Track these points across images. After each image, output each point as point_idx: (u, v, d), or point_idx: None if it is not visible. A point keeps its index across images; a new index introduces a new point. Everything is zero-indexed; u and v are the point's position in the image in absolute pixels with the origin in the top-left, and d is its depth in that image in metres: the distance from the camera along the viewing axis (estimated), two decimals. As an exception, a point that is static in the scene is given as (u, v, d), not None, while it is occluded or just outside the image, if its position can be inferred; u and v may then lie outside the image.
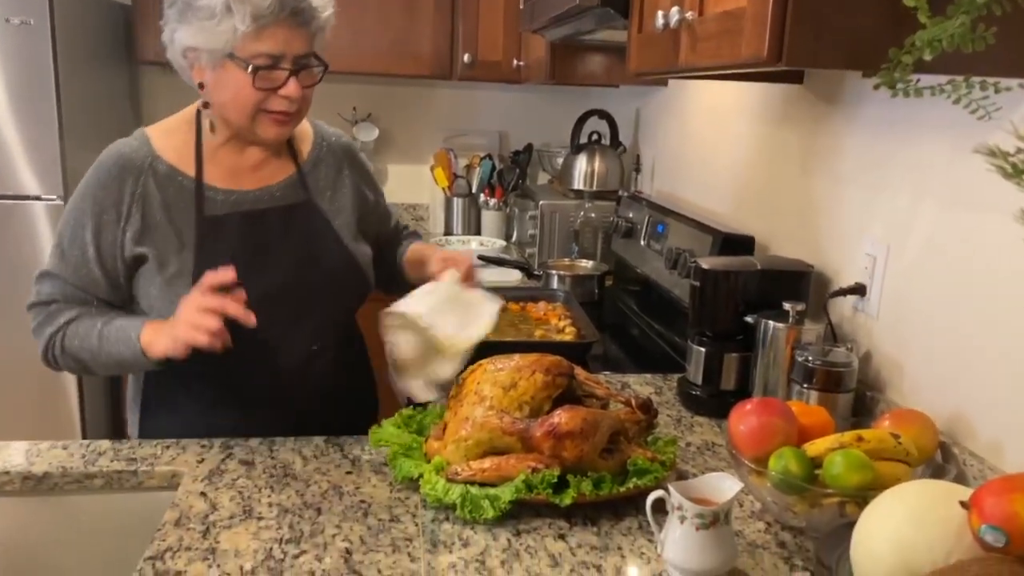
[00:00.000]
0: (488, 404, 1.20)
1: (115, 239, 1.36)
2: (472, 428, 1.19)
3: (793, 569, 1.08)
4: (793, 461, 1.11)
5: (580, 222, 2.68)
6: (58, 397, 2.62)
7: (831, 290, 1.55)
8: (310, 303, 1.45)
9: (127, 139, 1.41)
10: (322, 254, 1.46)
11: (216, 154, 1.42)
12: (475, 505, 1.13)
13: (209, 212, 1.39)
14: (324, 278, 1.46)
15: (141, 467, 1.29)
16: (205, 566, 1.04)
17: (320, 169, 1.52)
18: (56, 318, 1.37)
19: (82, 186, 1.38)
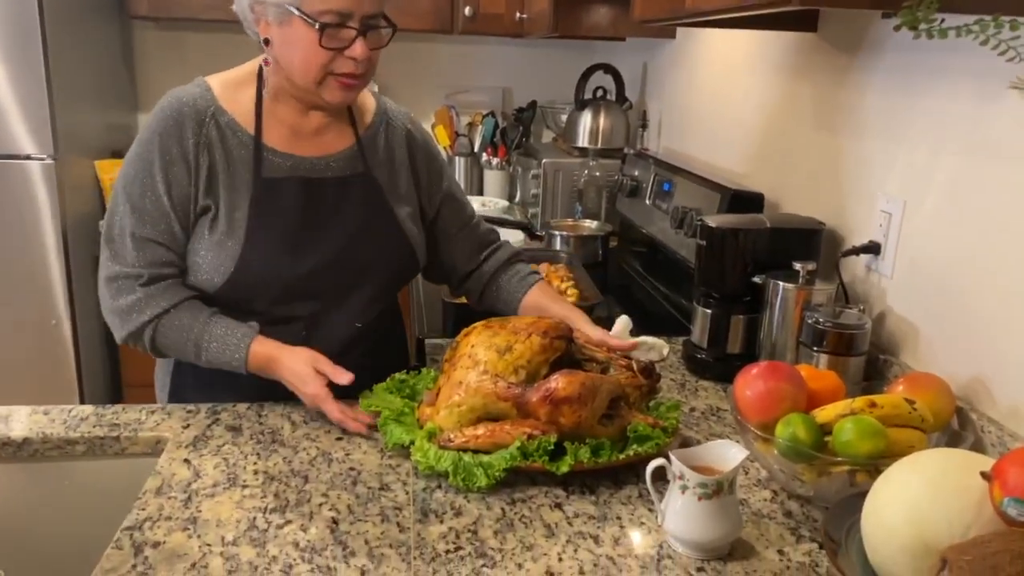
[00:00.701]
0: (483, 368, 1.15)
1: (188, 192, 1.29)
2: (466, 393, 1.14)
3: (800, 540, 1.03)
4: (801, 428, 1.06)
5: (584, 181, 2.60)
6: (56, 361, 2.58)
7: (843, 249, 1.48)
8: (358, 280, 1.39)
9: (187, 87, 1.33)
10: (374, 230, 1.39)
11: (276, 114, 1.34)
12: (468, 473, 1.09)
13: (267, 174, 1.31)
14: (374, 255, 1.39)
15: (124, 433, 1.25)
16: (185, 536, 1.00)
17: (379, 143, 1.43)
18: (145, 308, 1.28)
19: (144, 136, 1.30)
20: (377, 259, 1.40)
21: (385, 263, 1.41)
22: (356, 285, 1.39)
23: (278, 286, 1.32)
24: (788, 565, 0.98)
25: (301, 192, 1.33)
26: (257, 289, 1.32)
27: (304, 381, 1.26)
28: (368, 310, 1.42)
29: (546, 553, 0.99)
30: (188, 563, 0.95)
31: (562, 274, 2.13)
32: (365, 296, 1.41)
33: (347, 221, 1.36)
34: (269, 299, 1.34)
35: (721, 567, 0.97)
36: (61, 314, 2.54)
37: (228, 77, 1.36)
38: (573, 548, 1.00)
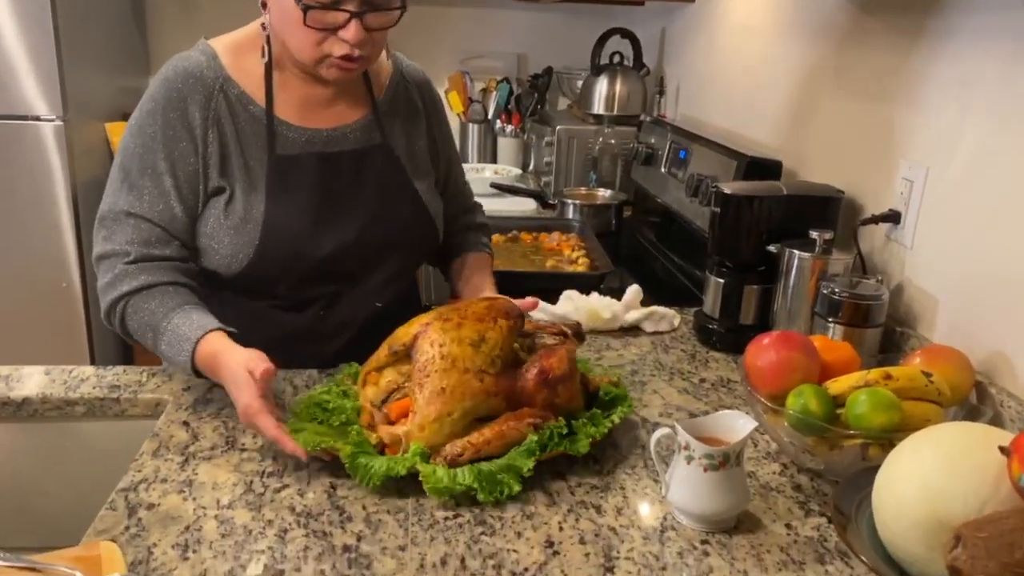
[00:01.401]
0: (462, 367, 1.02)
1: (195, 169, 1.21)
2: (453, 399, 1.01)
3: (809, 514, 1.00)
4: (813, 399, 1.03)
5: (599, 148, 2.56)
6: (67, 325, 2.58)
7: (862, 218, 1.43)
8: (379, 259, 1.34)
9: (190, 52, 1.24)
10: (395, 207, 1.33)
11: (287, 84, 1.26)
12: (495, 484, 0.98)
13: (281, 151, 1.25)
14: (395, 233, 1.34)
15: (124, 395, 1.23)
16: (180, 499, 0.98)
17: (397, 108, 1.37)
18: (121, 283, 1.19)
19: (145, 107, 1.22)
20: (398, 236, 1.34)
21: (406, 240, 1.36)
22: (377, 264, 1.34)
23: (297, 270, 1.28)
24: (796, 539, 0.95)
25: (317, 169, 1.27)
26: (276, 274, 1.27)
27: (238, 386, 1.06)
28: (388, 289, 1.37)
29: (546, 522, 0.97)
30: (182, 525, 0.93)
31: (574, 243, 2.10)
32: (386, 274, 1.36)
33: (366, 198, 1.31)
34: (288, 283, 1.29)
35: (726, 540, 0.95)
36: (72, 277, 2.54)
37: (234, 40, 1.28)
38: (575, 517, 0.98)
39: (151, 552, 0.89)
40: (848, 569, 0.90)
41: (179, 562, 0.87)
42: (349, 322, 1.34)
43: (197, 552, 0.89)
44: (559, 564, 0.89)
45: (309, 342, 1.34)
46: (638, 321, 1.56)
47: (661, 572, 0.89)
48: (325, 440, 0.99)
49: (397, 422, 1.04)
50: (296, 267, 1.27)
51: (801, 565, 0.91)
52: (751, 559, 0.92)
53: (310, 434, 1.00)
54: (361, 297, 1.34)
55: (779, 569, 0.90)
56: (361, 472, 0.97)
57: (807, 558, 0.92)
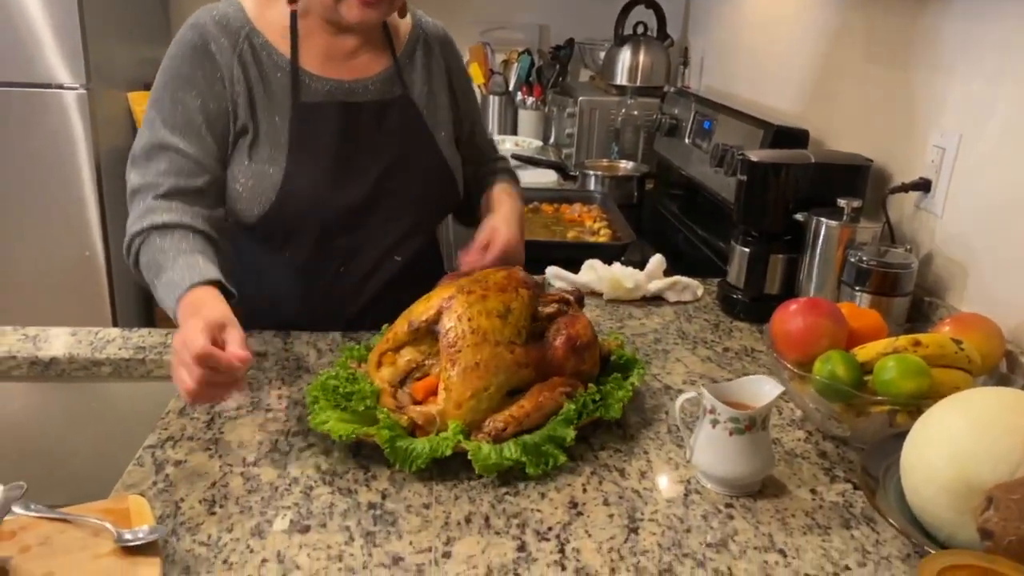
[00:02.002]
0: (493, 340, 1.00)
1: (224, 107, 1.22)
2: (488, 373, 0.99)
3: (834, 480, 1.00)
4: (841, 365, 1.02)
5: (621, 120, 2.53)
6: (90, 294, 2.61)
7: (891, 186, 1.41)
8: (398, 211, 1.34)
9: (217, 4, 1.26)
10: (415, 158, 1.34)
11: (311, 35, 1.27)
12: (542, 457, 0.97)
13: (305, 98, 1.26)
14: (415, 185, 1.34)
15: (149, 356, 1.24)
16: (206, 456, 0.99)
17: (417, 62, 1.36)
18: (145, 217, 1.17)
19: (174, 51, 1.23)
20: (418, 188, 1.35)
21: (426, 192, 1.36)
22: (396, 216, 1.34)
23: (318, 218, 1.28)
24: (820, 504, 0.95)
25: (340, 117, 1.28)
26: (296, 222, 1.28)
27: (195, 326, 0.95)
28: (408, 243, 1.37)
29: (570, 484, 0.97)
30: (208, 481, 0.94)
31: (595, 214, 2.08)
32: (405, 227, 1.36)
33: (386, 149, 1.31)
34: (308, 233, 1.30)
35: (751, 504, 0.94)
36: (95, 247, 2.56)
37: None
38: (598, 480, 0.98)
39: (179, 506, 0.89)
40: (874, 534, 0.90)
41: (206, 516, 0.88)
42: (370, 277, 1.34)
43: (224, 507, 0.90)
44: (583, 524, 0.89)
45: (330, 298, 1.35)
46: (661, 291, 1.55)
47: (685, 533, 0.89)
48: (356, 428, 0.97)
49: (424, 402, 1.02)
50: (316, 215, 1.27)
51: (827, 529, 0.90)
52: (776, 523, 0.91)
53: (337, 423, 0.97)
54: (381, 250, 1.35)
55: (804, 533, 0.90)
56: (402, 456, 0.94)
57: (832, 523, 0.92)
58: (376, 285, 1.35)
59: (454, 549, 0.85)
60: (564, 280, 1.58)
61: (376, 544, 0.85)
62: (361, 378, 1.07)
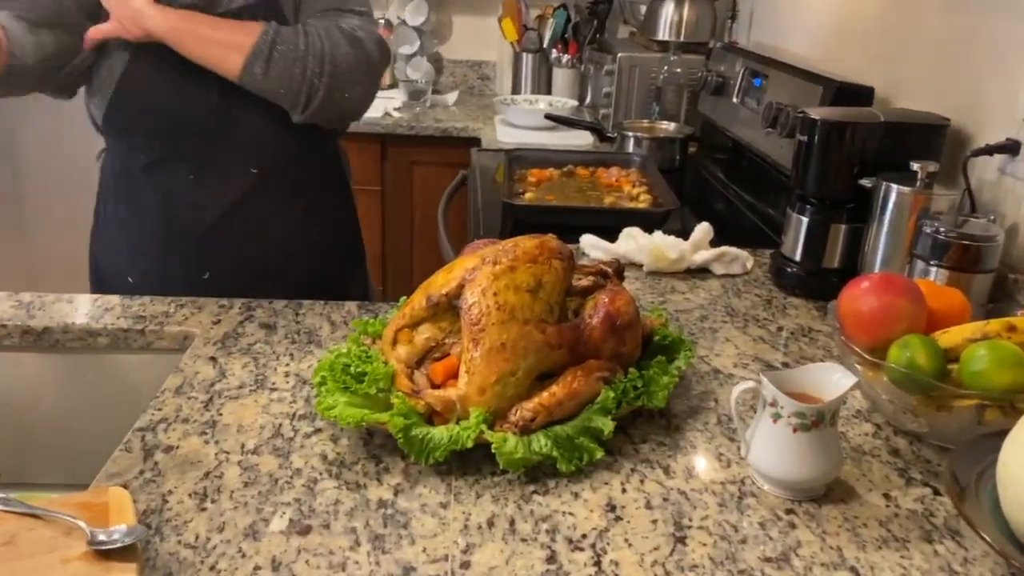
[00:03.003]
0: (522, 318, 0.88)
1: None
2: (515, 355, 0.87)
3: (910, 484, 0.87)
4: (921, 352, 0.88)
5: (663, 79, 2.37)
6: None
7: (973, 148, 1.26)
8: (244, 109, 1.28)
9: None
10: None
11: None
12: (575, 451, 0.86)
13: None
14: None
15: (150, 326, 1.14)
16: (201, 441, 0.89)
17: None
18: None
19: None
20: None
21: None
22: (238, 122, 1.28)
23: (158, 114, 1.26)
24: (896, 512, 0.82)
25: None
26: (137, 117, 1.27)
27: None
28: (263, 156, 1.31)
29: (607, 482, 0.85)
30: (201, 471, 0.84)
31: (634, 179, 1.94)
32: (251, 136, 1.30)
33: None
34: (148, 131, 1.28)
35: (815, 510, 0.82)
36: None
37: None
38: (639, 478, 0.86)
39: (165, 500, 0.80)
40: (962, 551, 0.77)
41: (195, 513, 0.78)
42: (224, 188, 1.30)
43: (216, 502, 0.80)
44: (622, 531, 0.78)
45: (182, 211, 1.32)
46: (707, 262, 1.42)
47: (740, 545, 0.77)
48: (366, 414, 0.85)
49: (443, 385, 0.91)
50: (156, 109, 1.26)
51: (904, 543, 0.78)
52: (845, 533, 0.79)
53: (346, 408, 0.86)
54: (233, 158, 1.30)
55: (879, 546, 0.77)
56: (417, 447, 0.83)
57: (911, 535, 0.79)
58: (234, 200, 1.31)
59: (473, 558, 0.74)
60: (600, 250, 1.45)
61: (385, 551, 0.74)
62: (375, 357, 0.96)
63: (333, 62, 1.23)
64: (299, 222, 1.37)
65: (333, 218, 1.48)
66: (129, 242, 1.38)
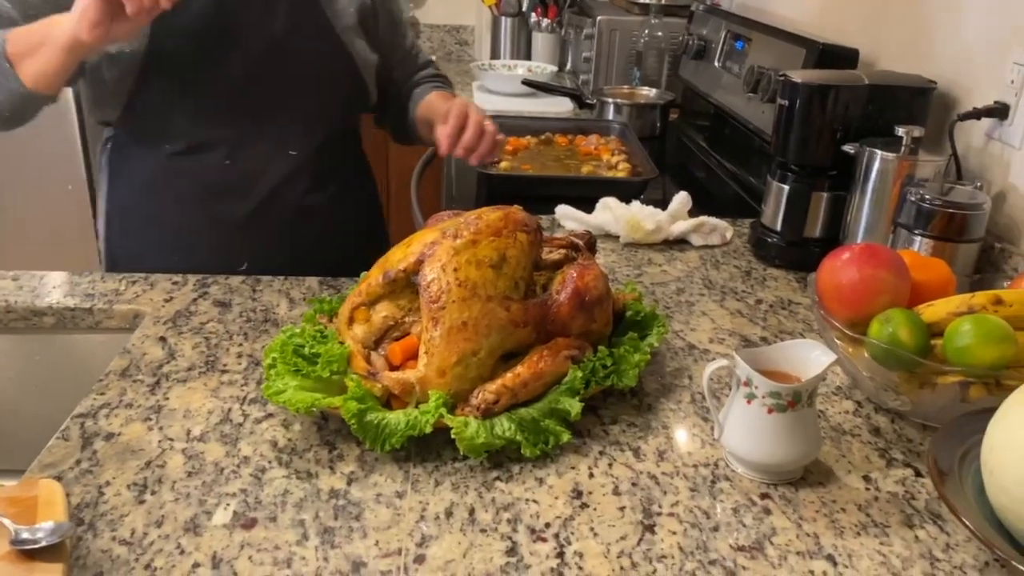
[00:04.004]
0: (484, 295, 0.83)
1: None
2: (477, 334, 0.82)
3: (891, 465, 0.83)
4: (904, 327, 0.84)
5: (644, 42, 2.30)
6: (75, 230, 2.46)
7: (959, 112, 1.21)
8: (287, 96, 1.22)
9: None
10: (307, 39, 1.21)
11: None
12: (540, 435, 0.81)
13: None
14: (305, 68, 1.21)
15: (98, 304, 1.09)
16: (145, 428, 0.84)
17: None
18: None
19: None
20: (308, 74, 1.22)
21: (318, 79, 1.23)
22: (284, 103, 1.22)
23: (187, 100, 1.16)
24: (876, 496, 0.78)
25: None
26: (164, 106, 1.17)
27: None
28: (305, 137, 1.25)
29: (574, 467, 0.81)
30: (142, 461, 0.79)
31: (613, 147, 1.89)
32: (300, 119, 1.24)
33: (271, 25, 1.18)
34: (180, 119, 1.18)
35: (791, 495, 0.78)
36: (78, 177, 2.40)
37: None
38: (608, 462, 0.82)
39: (102, 492, 0.75)
40: (943, 535, 0.74)
41: (133, 506, 0.73)
42: (261, 173, 1.22)
43: (156, 494, 0.75)
44: (588, 519, 0.74)
45: (217, 197, 1.23)
46: (685, 233, 1.37)
47: (712, 533, 0.73)
48: (318, 399, 0.80)
49: (402, 366, 0.86)
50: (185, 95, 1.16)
51: (884, 528, 0.74)
52: (823, 519, 0.75)
53: (296, 392, 0.81)
54: (271, 144, 1.22)
55: (857, 533, 0.74)
56: (372, 433, 0.78)
57: (891, 519, 0.75)
58: (274, 184, 1.23)
59: (429, 551, 0.69)
60: (576, 221, 1.40)
61: (335, 545, 0.70)
62: (331, 337, 0.91)
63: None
64: (332, 206, 1.30)
65: (363, 201, 1.42)
66: (156, 235, 1.26)
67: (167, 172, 1.23)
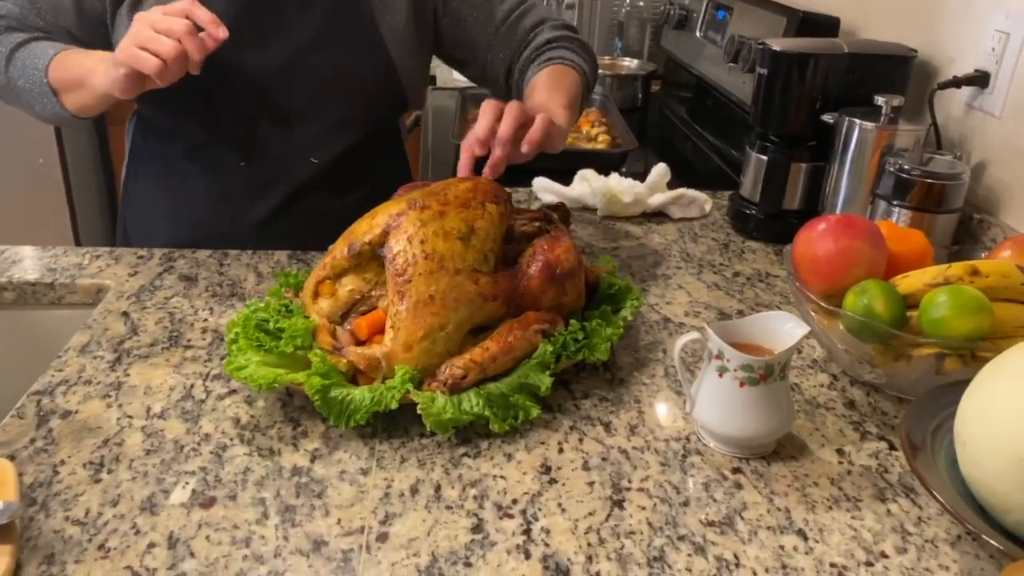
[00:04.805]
0: (452, 268, 0.81)
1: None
2: (445, 308, 0.80)
3: (865, 438, 0.82)
4: (879, 299, 0.82)
5: (626, 12, 2.27)
6: (48, 204, 2.42)
7: (940, 81, 1.19)
8: (315, 100, 1.14)
9: None
10: (344, 37, 1.13)
11: None
12: (509, 410, 0.80)
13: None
14: (339, 71, 1.14)
15: (60, 279, 1.06)
16: (103, 405, 0.82)
17: None
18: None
19: None
20: (340, 77, 1.14)
21: (350, 85, 1.15)
22: (311, 108, 1.14)
23: (208, 95, 1.09)
24: (849, 469, 0.77)
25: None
26: (183, 98, 1.08)
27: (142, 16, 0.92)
28: (328, 144, 1.16)
29: (543, 442, 0.79)
30: (99, 439, 0.77)
31: (593, 118, 1.86)
32: (324, 124, 1.15)
33: (306, 20, 1.10)
34: (199, 114, 1.12)
35: (763, 469, 0.77)
36: (50, 152, 2.35)
37: None
38: (578, 437, 0.80)
39: (56, 471, 0.73)
40: (916, 509, 0.73)
41: (88, 485, 0.71)
42: (278, 177, 1.16)
43: (113, 472, 0.73)
44: (555, 496, 0.72)
45: (231, 199, 1.17)
46: (663, 206, 1.35)
47: (682, 508, 0.72)
48: (280, 375, 0.78)
49: (368, 341, 0.83)
50: (206, 90, 1.08)
51: (856, 503, 0.73)
52: (794, 493, 0.74)
53: (258, 368, 0.78)
54: (291, 148, 1.15)
55: (829, 507, 0.73)
56: (336, 409, 0.76)
57: (863, 493, 0.74)
58: (287, 190, 1.17)
59: (392, 529, 0.68)
60: (553, 193, 1.37)
61: (295, 523, 0.68)
62: (297, 311, 0.88)
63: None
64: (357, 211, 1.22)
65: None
66: (167, 227, 1.22)
67: (183, 167, 1.17)
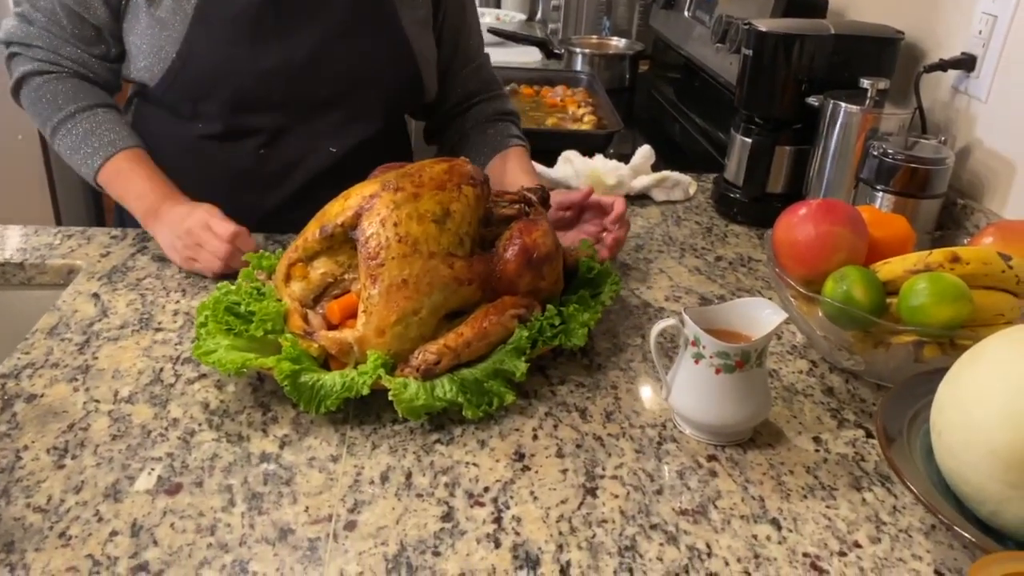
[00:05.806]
0: (426, 252, 0.80)
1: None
2: (418, 292, 0.79)
3: (842, 426, 0.82)
4: (859, 285, 0.82)
5: (614, -9, 2.24)
6: (27, 180, 2.38)
7: (926, 64, 1.17)
8: (337, 91, 1.11)
9: None
10: (367, 30, 1.10)
11: None
12: (484, 396, 0.79)
13: None
14: (361, 62, 1.11)
15: (30, 259, 1.04)
16: (70, 389, 0.80)
17: None
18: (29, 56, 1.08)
19: None
20: (363, 68, 1.11)
21: (374, 75, 1.13)
22: (333, 98, 1.12)
23: (229, 84, 1.06)
24: (826, 457, 0.77)
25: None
26: (203, 87, 1.07)
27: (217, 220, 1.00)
28: (347, 133, 1.14)
29: (518, 429, 0.78)
30: (65, 423, 0.75)
31: (580, 98, 1.84)
32: (344, 114, 1.13)
33: (329, 12, 1.08)
34: (219, 102, 1.08)
35: (739, 456, 0.76)
36: (29, 128, 2.31)
37: None
38: (553, 423, 0.79)
39: (19, 457, 0.71)
40: (891, 498, 0.72)
41: (52, 471, 0.70)
42: (295, 166, 1.13)
43: (77, 458, 0.71)
44: (528, 483, 0.71)
45: (246, 187, 1.14)
46: (647, 188, 1.34)
47: (656, 496, 0.71)
48: (249, 359, 0.76)
49: (341, 325, 0.82)
50: (226, 80, 1.06)
51: (831, 491, 0.73)
52: (769, 482, 0.73)
53: (227, 352, 0.77)
54: (311, 138, 1.13)
55: (804, 496, 0.72)
56: (307, 395, 0.75)
57: (839, 482, 0.74)
58: (303, 179, 1.14)
59: (360, 517, 0.67)
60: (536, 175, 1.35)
61: (262, 511, 0.67)
62: (269, 294, 0.87)
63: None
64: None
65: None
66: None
67: (196, 153, 1.14)
